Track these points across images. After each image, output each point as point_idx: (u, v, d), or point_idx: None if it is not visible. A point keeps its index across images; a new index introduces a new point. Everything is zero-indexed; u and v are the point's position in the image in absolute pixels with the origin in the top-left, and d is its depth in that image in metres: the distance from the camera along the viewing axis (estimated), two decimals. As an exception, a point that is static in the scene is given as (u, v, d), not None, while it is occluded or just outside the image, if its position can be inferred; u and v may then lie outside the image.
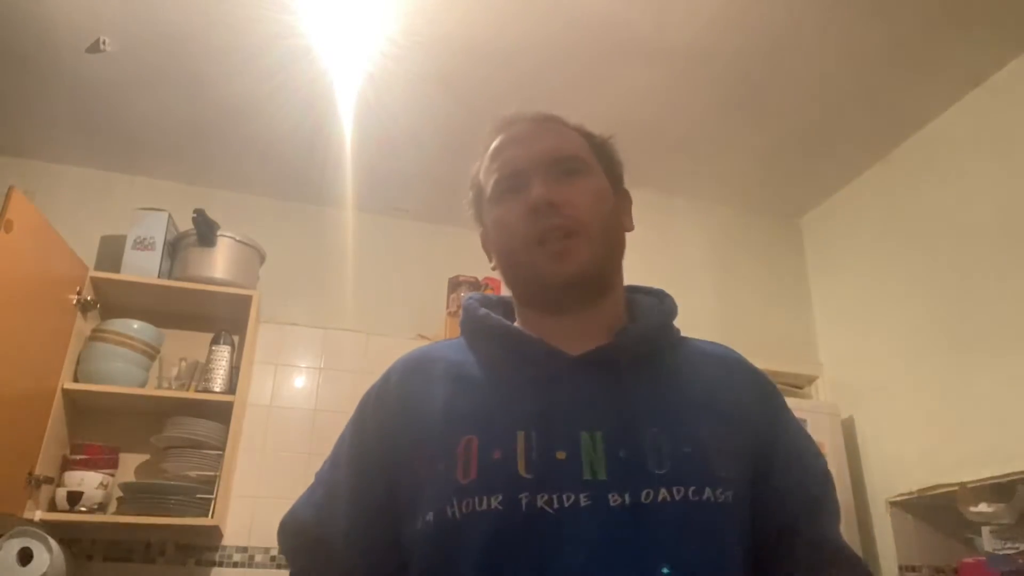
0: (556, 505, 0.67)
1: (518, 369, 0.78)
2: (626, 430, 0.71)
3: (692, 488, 0.68)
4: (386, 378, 0.85)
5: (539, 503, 0.67)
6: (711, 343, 0.87)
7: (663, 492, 0.67)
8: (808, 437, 0.84)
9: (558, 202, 0.77)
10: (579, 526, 0.66)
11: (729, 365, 0.84)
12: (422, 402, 0.79)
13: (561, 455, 0.70)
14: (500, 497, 0.68)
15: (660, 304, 0.85)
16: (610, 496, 0.67)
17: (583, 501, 0.67)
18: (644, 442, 0.70)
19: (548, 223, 0.77)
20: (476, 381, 0.79)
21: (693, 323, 0.92)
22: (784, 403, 0.85)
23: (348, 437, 0.85)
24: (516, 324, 0.83)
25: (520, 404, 0.74)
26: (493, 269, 0.86)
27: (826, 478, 0.82)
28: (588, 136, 0.88)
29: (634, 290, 0.89)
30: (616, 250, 0.83)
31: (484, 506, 0.68)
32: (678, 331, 0.86)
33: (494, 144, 0.85)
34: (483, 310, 0.83)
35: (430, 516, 0.71)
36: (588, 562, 0.65)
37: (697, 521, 0.68)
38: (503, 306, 0.87)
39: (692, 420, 0.74)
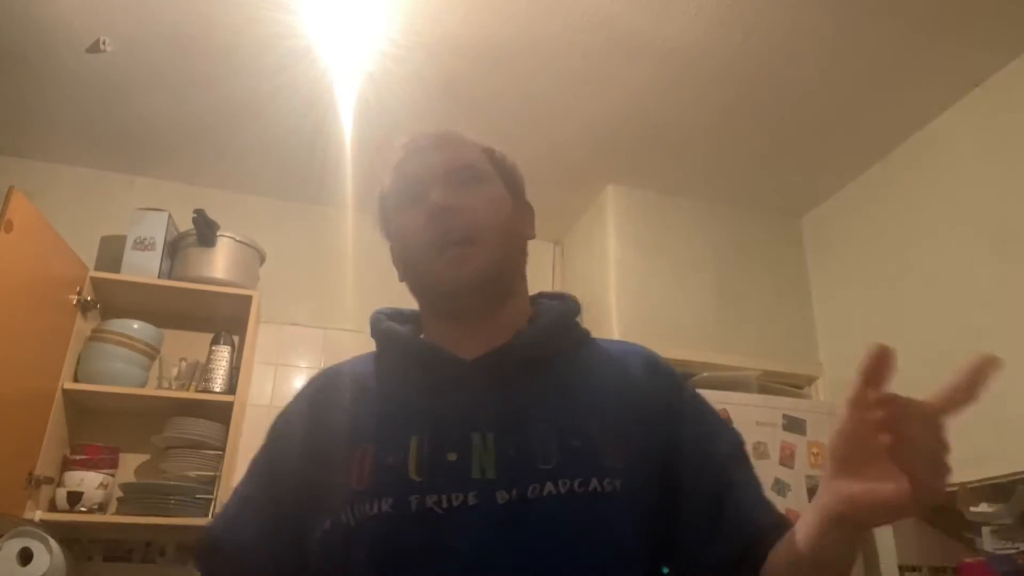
0: (445, 505, 0.69)
1: (417, 376, 0.81)
2: (517, 429, 0.73)
3: (578, 480, 0.69)
4: (298, 396, 0.87)
5: (428, 503, 0.69)
6: (618, 342, 0.90)
7: (549, 486, 0.68)
8: (715, 414, 0.85)
9: (456, 207, 0.80)
10: (466, 524, 0.68)
11: (627, 360, 0.84)
12: (328, 417, 0.81)
13: (452, 456, 0.71)
14: (391, 500, 0.70)
15: (561, 306, 0.87)
16: (497, 494, 0.68)
17: (471, 500, 0.69)
18: (533, 440, 0.72)
19: (446, 227, 0.79)
20: (378, 391, 0.82)
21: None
22: (684, 387, 0.85)
23: (261, 454, 0.86)
24: (422, 335, 0.86)
25: (416, 410, 0.77)
26: (401, 280, 0.89)
27: (738, 444, 0.82)
28: (487, 150, 0.90)
29: (543, 296, 0.91)
30: (516, 257, 0.86)
31: (375, 510, 0.70)
32: (584, 332, 0.87)
33: (397, 160, 0.89)
34: (387, 322, 0.87)
35: (327, 524, 0.72)
36: (473, 559, 0.67)
37: (582, 512, 0.68)
38: (414, 319, 0.90)
39: (583, 416, 0.75)
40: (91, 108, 2.46)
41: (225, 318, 2.56)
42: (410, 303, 0.91)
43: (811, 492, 2.25)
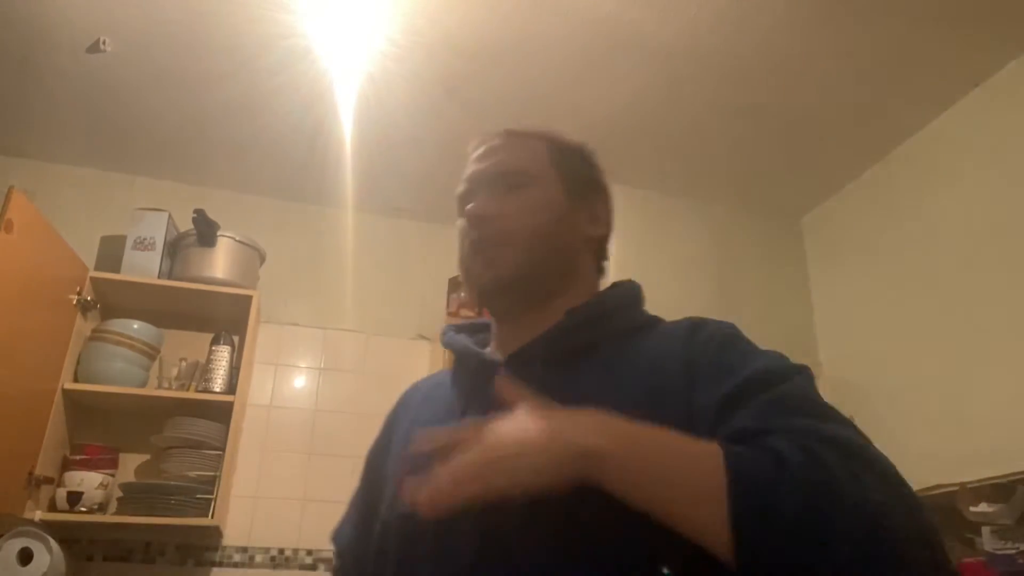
0: None
1: (461, 381, 0.85)
2: None
3: None
4: (389, 411, 0.96)
5: None
6: (684, 319, 0.84)
7: None
8: (739, 352, 0.73)
9: (489, 215, 0.83)
10: (472, 522, 0.68)
11: (675, 334, 0.79)
12: (400, 428, 0.90)
13: None
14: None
15: (606, 297, 0.87)
16: None
17: None
18: None
19: (479, 234, 0.83)
20: (435, 400, 0.88)
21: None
22: (711, 339, 0.76)
23: (363, 466, 0.96)
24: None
25: (452, 413, 0.81)
26: None
27: (756, 371, 0.68)
28: (552, 146, 0.91)
29: (610, 287, 0.90)
30: (560, 257, 0.85)
31: (402, 509, 0.74)
32: (640, 318, 0.86)
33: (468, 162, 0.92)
34: (448, 333, 0.91)
35: (378, 525, 0.81)
36: (474, 555, 0.68)
37: (580, 504, 0.65)
38: (487, 330, 0.92)
39: (602, 406, 0.70)
40: (91, 108, 2.46)
41: (225, 318, 2.56)
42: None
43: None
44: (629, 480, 0.58)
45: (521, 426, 0.61)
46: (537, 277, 0.83)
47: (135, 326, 2.40)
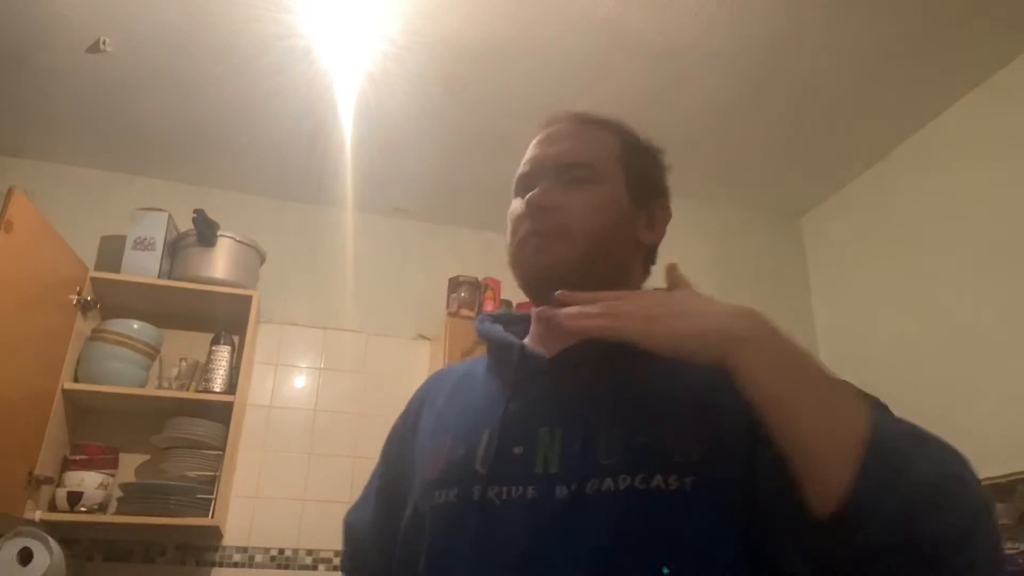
0: (504, 497, 0.70)
1: (502, 373, 0.82)
2: (587, 426, 0.71)
3: (640, 476, 0.65)
4: (414, 394, 0.94)
5: (489, 495, 0.70)
6: None
7: (608, 481, 0.66)
8: None
9: (549, 207, 0.80)
10: (521, 517, 0.68)
11: None
12: (428, 413, 0.87)
13: (518, 450, 0.72)
14: (456, 490, 0.73)
15: None
16: (557, 488, 0.68)
17: (530, 493, 0.69)
18: (601, 436, 0.70)
19: (536, 225, 0.80)
20: (471, 388, 0.85)
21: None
22: None
23: (383, 448, 0.95)
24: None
25: (494, 405, 0.78)
26: None
27: None
28: (624, 143, 0.87)
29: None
30: (610, 260, 0.82)
31: (442, 499, 0.74)
32: None
33: (532, 141, 0.88)
34: (485, 323, 0.88)
35: (408, 511, 0.78)
36: (524, 551, 0.66)
37: (640, 509, 0.65)
38: (523, 322, 0.90)
39: (658, 411, 0.71)
40: (91, 108, 2.46)
41: (225, 318, 2.56)
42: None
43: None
44: (766, 374, 0.60)
45: (686, 298, 0.67)
46: (585, 277, 0.79)
47: (135, 326, 2.40)
